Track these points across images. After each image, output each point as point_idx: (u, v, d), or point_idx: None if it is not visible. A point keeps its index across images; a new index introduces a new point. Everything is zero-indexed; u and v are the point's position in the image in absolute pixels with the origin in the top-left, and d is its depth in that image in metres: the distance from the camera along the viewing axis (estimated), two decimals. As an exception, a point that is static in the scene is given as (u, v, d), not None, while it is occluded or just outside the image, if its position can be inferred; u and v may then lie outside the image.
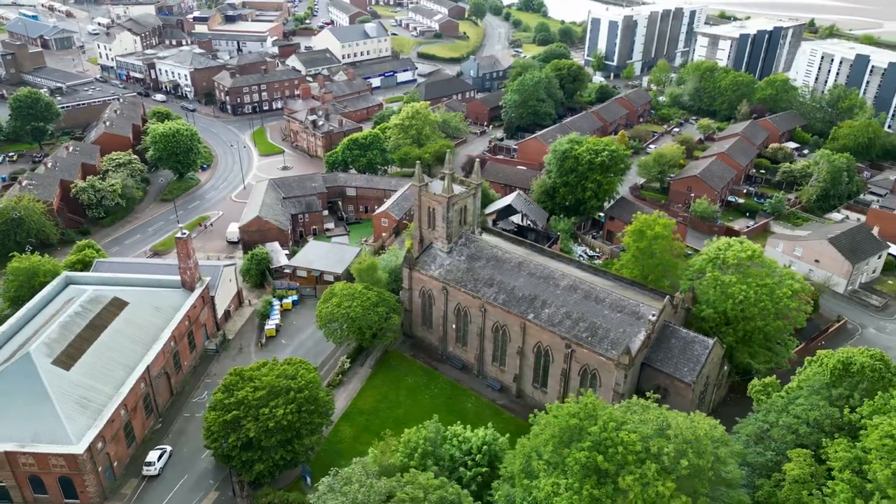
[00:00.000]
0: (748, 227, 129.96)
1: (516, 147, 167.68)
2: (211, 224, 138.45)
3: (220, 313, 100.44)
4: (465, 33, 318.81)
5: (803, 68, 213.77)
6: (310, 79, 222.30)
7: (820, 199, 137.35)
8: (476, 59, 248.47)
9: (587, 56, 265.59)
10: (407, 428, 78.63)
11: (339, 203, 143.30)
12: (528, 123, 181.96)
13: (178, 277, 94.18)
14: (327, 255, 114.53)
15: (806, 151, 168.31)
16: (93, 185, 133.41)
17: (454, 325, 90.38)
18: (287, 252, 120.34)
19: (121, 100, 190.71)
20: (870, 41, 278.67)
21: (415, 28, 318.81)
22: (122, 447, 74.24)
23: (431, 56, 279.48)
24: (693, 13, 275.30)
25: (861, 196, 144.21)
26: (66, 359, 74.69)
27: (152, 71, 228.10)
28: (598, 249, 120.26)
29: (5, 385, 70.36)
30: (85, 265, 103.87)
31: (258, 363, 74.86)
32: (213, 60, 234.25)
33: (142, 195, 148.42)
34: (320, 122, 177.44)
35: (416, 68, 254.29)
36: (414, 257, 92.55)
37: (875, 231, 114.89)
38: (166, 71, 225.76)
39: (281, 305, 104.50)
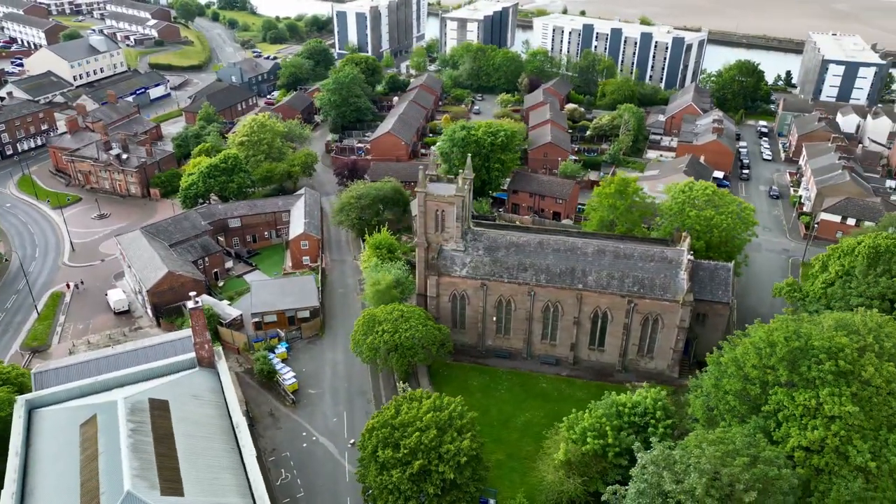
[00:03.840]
0: (600, 177, 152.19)
1: (362, 145, 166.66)
2: (81, 283, 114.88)
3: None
4: (186, 37, 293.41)
5: (539, 41, 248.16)
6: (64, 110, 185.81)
7: (632, 144, 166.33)
8: (237, 63, 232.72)
9: (340, 49, 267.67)
10: (513, 424, 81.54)
11: (221, 238, 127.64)
12: (351, 120, 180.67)
13: (182, 357, 78.41)
14: (283, 291, 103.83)
15: (582, 109, 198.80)
16: None
17: (494, 318, 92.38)
18: (227, 302, 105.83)
19: None
20: (542, 13, 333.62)
21: (127, 37, 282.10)
22: (269, 560, 62.33)
23: (167, 66, 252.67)
24: (419, 1, 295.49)
25: (648, 137, 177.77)
26: (170, 484, 59.21)
27: None
28: (519, 222, 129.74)
29: (124, 544, 53.84)
30: (3, 383, 78.80)
31: (390, 408, 68.85)
32: None
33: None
34: (125, 156, 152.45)
35: (168, 81, 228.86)
36: (436, 264, 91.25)
37: (702, 159, 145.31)
38: None
39: (276, 356, 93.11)
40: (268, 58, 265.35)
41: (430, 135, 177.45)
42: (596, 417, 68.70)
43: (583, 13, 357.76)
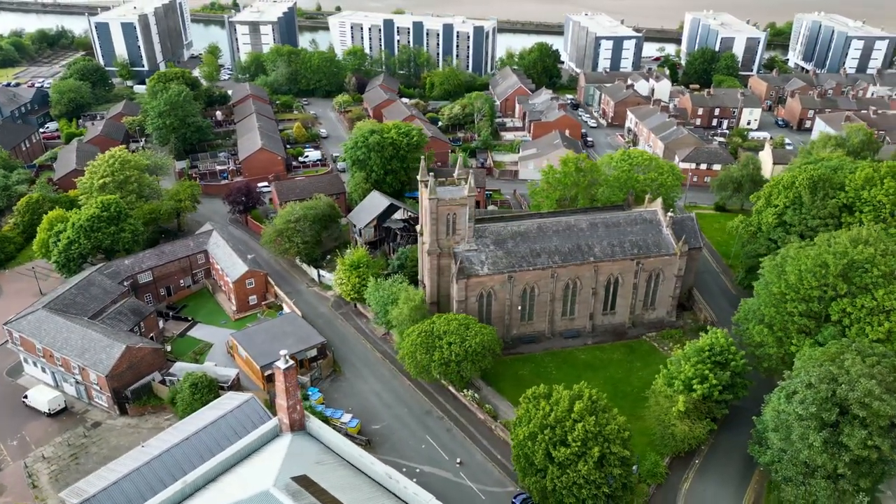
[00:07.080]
0: (480, 163, 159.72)
1: (224, 168, 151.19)
2: None
3: (273, 454, 75.20)
4: None
5: (338, 38, 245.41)
6: None
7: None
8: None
9: (107, 65, 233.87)
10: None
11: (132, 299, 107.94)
12: (192, 142, 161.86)
13: (264, 428, 67.64)
14: (274, 335, 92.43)
15: (423, 103, 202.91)
16: None
17: (519, 307, 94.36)
18: (214, 363, 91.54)
19: None
20: (301, 13, 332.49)
21: None
22: None
23: None
24: (181, 5, 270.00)
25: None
26: (400, 557, 52.81)
27: None
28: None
29: None
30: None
31: (530, 411, 68.59)
32: None
33: None
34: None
35: None
36: (464, 267, 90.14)
37: (567, 132, 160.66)
38: None
39: (316, 402, 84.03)
40: (8, 85, 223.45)
41: (290, 146, 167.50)
42: (693, 365, 76.26)
43: (338, 8, 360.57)
